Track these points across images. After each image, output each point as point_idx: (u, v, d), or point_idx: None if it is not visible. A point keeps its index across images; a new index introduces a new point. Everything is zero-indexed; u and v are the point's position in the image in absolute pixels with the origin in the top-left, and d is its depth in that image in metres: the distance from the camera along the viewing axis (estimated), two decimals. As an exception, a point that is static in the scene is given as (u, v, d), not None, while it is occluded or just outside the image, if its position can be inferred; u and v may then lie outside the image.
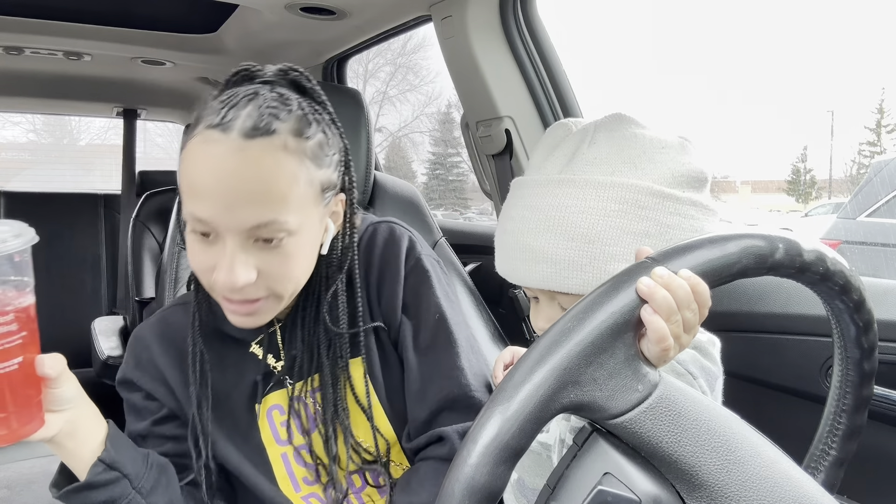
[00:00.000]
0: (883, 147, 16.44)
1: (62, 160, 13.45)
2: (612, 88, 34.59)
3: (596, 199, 0.61)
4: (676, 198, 0.61)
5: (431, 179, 20.62)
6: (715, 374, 0.64)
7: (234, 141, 0.66)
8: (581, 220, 0.62)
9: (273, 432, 0.81)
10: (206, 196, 0.66)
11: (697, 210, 0.62)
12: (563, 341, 0.39)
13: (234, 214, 0.65)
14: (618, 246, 0.61)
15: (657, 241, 0.60)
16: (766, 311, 1.02)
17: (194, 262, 0.71)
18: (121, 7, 1.58)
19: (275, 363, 0.81)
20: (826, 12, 36.76)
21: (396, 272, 0.83)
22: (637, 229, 0.60)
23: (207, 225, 0.67)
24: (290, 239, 0.69)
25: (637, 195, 0.61)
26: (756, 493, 0.40)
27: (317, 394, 0.80)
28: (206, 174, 0.66)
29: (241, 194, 0.65)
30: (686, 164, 0.63)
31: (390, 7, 1.40)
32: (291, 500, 0.79)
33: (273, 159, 0.66)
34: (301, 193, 0.69)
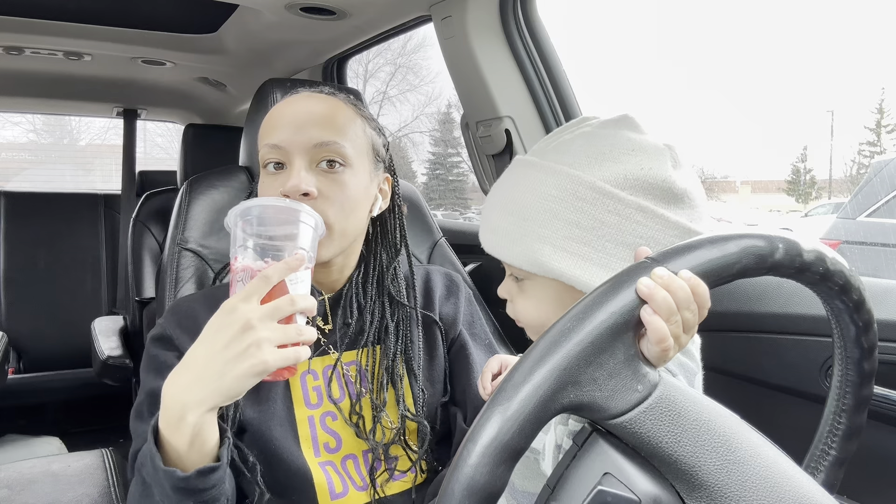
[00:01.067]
0: (883, 147, 16.44)
1: (62, 160, 13.44)
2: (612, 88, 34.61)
3: (541, 182, 0.64)
4: (619, 198, 0.62)
5: (431, 179, 20.62)
6: (693, 371, 0.64)
7: (303, 93, 0.86)
8: (522, 198, 0.66)
9: (304, 395, 0.84)
10: (280, 125, 0.81)
11: (645, 216, 0.61)
12: (562, 341, 0.39)
13: (302, 133, 0.79)
14: (547, 229, 0.63)
15: (589, 233, 0.62)
16: (766, 311, 1.02)
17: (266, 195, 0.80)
18: (121, 7, 1.58)
19: (323, 325, 0.88)
20: (826, 12, 36.78)
21: (457, 298, 0.99)
22: (569, 218, 0.62)
23: (279, 150, 0.80)
24: (346, 171, 0.81)
25: (577, 187, 0.63)
26: (756, 493, 0.40)
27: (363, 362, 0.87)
28: (281, 111, 0.83)
29: (309, 118, 0.80)
30: (647, 170, 0.62)
31: (390, 7, 1.40)
32: (309, 464, 0.81)
33: (335, 102, 0.85)
34: (357, 134, 0.84)
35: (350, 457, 0.84)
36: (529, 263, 0.64)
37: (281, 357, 0.61)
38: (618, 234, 0.62)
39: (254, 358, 0.60)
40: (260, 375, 0.61)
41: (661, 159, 0.63)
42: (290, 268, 0.65)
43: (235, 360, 0.60)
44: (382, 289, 0.90)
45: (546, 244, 0.63)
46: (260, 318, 0.61)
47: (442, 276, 1.01)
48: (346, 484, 0.82)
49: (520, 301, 0.70)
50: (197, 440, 0.63)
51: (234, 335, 0.61)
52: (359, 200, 0.83)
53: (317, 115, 0.81)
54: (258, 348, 0.60)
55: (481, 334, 0.99)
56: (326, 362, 0.86)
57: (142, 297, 1.87)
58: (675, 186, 0.63)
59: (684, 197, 0.64)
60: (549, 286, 0.66)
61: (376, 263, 0.91)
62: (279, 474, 0.80)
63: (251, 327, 0.61)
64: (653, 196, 0.62)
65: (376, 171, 0.88)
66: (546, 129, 1.37)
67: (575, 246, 0.62)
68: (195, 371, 0.62)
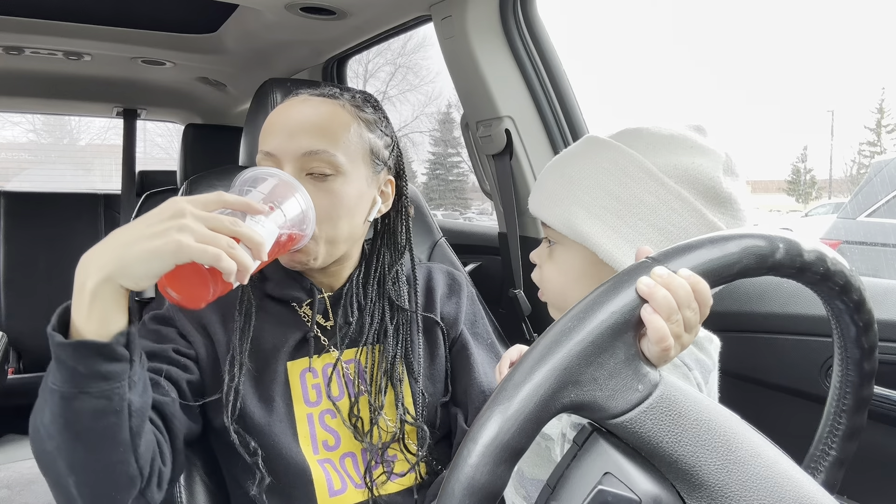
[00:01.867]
0: (883, 147, 16.44)
1: (62, 160, 13.45)
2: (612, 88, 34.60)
3: (597, 154, 0.68)
4: (662, 182, 0.64)
5: (431, 179, 20.62)
6: (709, 368, 0.65)
7: (302, 96, 0.85)
8: (575, 165, 0.69)
9: (303, 393, 0.84)
10: (273, 131, 0.81)
11: (683, 206, 0.64)
12: (563, 341, 0.39)
13: (293, 140, 0.79)
14: (588, 195, 0.66)
15: (625, 208, 0.65)
16: (766, 311, 1.02)
17: None
18: (121, 7, 1.58)
19: (324, 322, 0.88)
20: (826, 12, 36.76)
21: (459, 297, 0.99)
22: (611, 189, 0.65)
23: (272, 158, 0.79)
24: (338, 179, 0.80)
25: (627, 164, 0.66)
26: (756, 493, 0.40)
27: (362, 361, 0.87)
28: (276, 117, 0.83)
29: (301, 125, 0.80)
30: (697, 166, 0.65)
31: (390, 7, 1.40)
32: (307, 461, 0.81)
33: (330, 107, 0.83)
34: (351, 141, 0.82)
35: (349, 455, 0.84)
36: (563, 224, 0.67)
37: (199, 248, 0.56)
38: (652, 216, 0.64)
39: (168, 237, 0.56)
40: (169, 256, 0.55)
41: (714, 161, 0.66)
42: (248, 205, 0.63)
43: (150, 236, 0.56)
44: (383, 291, 0.90)
45: (582, 209, 0.66)
46: (194, 213, 0.58)
47: (444, 275, 1.01)
48: (345, 481, 0.82)
49: (547, 266, 0.72)
50: (95, 313, 0.58)
51: (161, 217, 0.57)
52: (350, 208, 0.82)
53: (309, 122, 0.80)
54: (178, 231, 0.56)
55: (483, 333, 1.00)
56: (326, 360, 0.86)
57: (142, 297, 1.87)
58: (721, 188, 0.65)
59: (727, 202, 0.65)
60: (576, 255, 0.69)
61: (378, 264, 0.91)
62: (278, 470, 0.80)
63: (182, 215, 0.57)
64: (696, 191, 0.65)
65: (375, 175, 0.87)
66: (546, 129, 1.37)
67: (609, 217, 0.65)
68: (109, 240, 0.59)
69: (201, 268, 0.58)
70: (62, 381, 0.58)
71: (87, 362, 0.58)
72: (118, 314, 0.59)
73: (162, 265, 0.56)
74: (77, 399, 0.58)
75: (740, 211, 0.66)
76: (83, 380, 0.58)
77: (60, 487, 0.62)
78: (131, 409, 0.61)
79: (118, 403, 0.60)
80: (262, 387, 0.82)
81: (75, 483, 0.61)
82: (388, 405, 0.86)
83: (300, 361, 0.85)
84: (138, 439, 0.63)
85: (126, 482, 0.63)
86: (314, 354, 0.85)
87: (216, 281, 0.59)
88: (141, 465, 0.64)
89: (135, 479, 0.63)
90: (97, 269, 0.57)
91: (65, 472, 0.60)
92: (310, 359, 0.85)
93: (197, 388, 0.80)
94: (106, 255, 0.57)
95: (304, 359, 0.85)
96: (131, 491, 0.64)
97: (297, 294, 0.87)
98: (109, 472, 0.61)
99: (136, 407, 0.62)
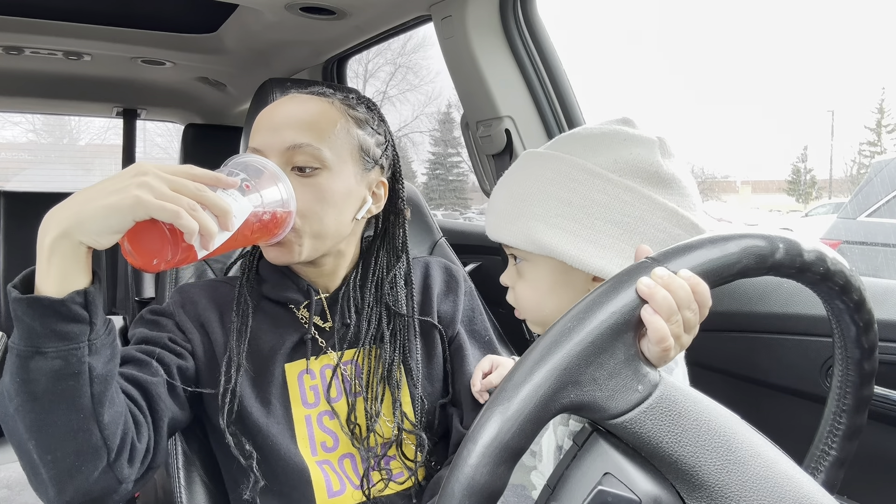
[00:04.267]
0: (883, 147, 16.44)
1: (62, 160, 13.45)
2: (612, 88, 34.59)
3: (540, 167, 0.70)
4: (608, 179, 0.66)
5: (431, 179, 20.62)
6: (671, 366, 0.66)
7: (291, 94, 0.86)
8: (522, 181, 0.71)
9: (301, 394, 0.84)
10: (259, 128, 0.81)
11: (633, 196, 0.65)
12: (563, 341, 0.39)
13: (277, 135, 0.79)
14: (541, 207, 0.67)
15: (580, 211, 0.66)
16: (766, 311, 1.02)
17: None
18: (121, 7, 1.58)
19: (322, 323, 0.87)
20: (826, 12, 36.75)
21: (456, 295, 0.98)
22: (562, 197, 0.67)
23: (258, 153, 0.79)
24: (324, 174, 0.80)
25: (570, 170, 0.67)
26: (756, 493, 0.40)
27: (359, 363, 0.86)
28: (263, 114, 0.83)
29: (286, 120, 0.80)
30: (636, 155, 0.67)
31: (390, 7, 1.40)
32: (306, 462, 0.81)
33: (318, 104, 0.83)
34: (339, 137, 0.82)
35: (347, 455, 0.84)
36: (524, 240, 0.68)
37: (157, 204, 0.55)
38: (607, 213, 0.66)
39: (127, 192, 0.55)
40: (127, 211, 0.55)
41: (649, 147, 0.68)
42: (217, 178, 0.62)
43: (110, 192, 0.55)
44: (380, 295, 0.90)
45: (540, 221, 0.67)
46: (156, 173, 0.57)
47: (441, 270, 1.01)
48: (344, 482, 0.82)
49: (519, 285, 0.73)
50: (53, 270, 0.57)
51: (123, 176, 0.57)
52: (336, 203, 0.81)
53: (294, 117, 0.80)
54: (137, 187, 0.55)
55: (481, 330, 0.99)
56: (324, 362, 0.86)
57: (141, 297, 1.87)
58: (662, 171, 0.67)
59: (672, 182, 0.67)
60: (544, 268, 0.70)
61: (376, 267, 0.91)
62: (277, 472, 0.80)
63: (143, 173, 0.56)
64: (640, 178, 0.66)
65: (365, 173, 0.86)
66: (546, 129, 1.37)
67: (566, 223, 0.66)
68: (71, 199, 0.58)
69: (161, 226, 0.57)
70: (19, 339, 0.57)
71: (44, 320, 0.56)
72: (78, 273, 0.58)
73: (120, 221, 0.55)
74: (33, 359, 0.57)
75: (685, 188, 0.68)
76: (39, 338, 0.57)
77: (23, 453, 0.61)
78: (92, 375, 0.60)
79: (76, 366, 0.58)
80: (260, 388, 0.82)
81: (36, 448, 0.59)
82: (385, 411, 0.86)
83: (298, 363, 0.84)
84: (101, 408, 0.61)
85: (89, 451, 0.61)
86: (312, 356, 0.85)
87: (176, 242, 0.57)
88: (106, 436, 0.62)
89: (98, 449, 0.62)
90: (55, 225, 0.56)
91: (25, 435, 0.59)
92: (307, 361, 0.84)
93: (189, 378, 0.80)
94: (65, 212, 0.56)
95: (302, 360, 0.85)
96: (96, 462, 0.62)
97: (293, 296, 0.87)
98: (69, 438, 0.60)
99: (99, 373, 0.61)
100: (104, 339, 0.62)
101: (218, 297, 0.87)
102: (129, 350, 0.76)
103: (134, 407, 0.69)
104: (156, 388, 0.73)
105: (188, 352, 0.81)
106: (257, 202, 0.68)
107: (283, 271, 0.88)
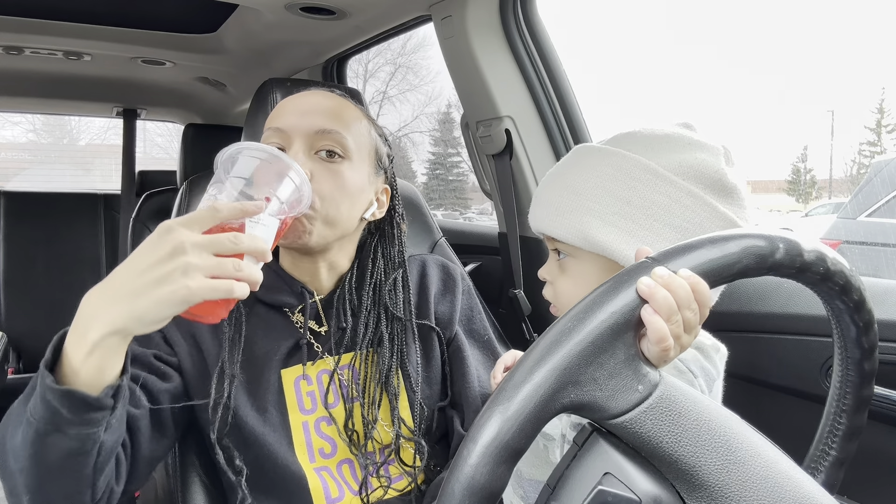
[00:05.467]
0: (883, 147, 16.43)
1: (62, 160, 13.44)
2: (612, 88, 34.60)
3: (598, 162, 0.67)
4: (671, 181, 0.64)
5: (431, 179, 20.61)
6: (713, 377, 0.65)
7: (315, 89, 0.89)
8: (578, 175, 0.68)
9: (298, 400, 0.82)
10: (285, 112, 0.83)
11: (694, 202, 0.64)
12: (563, 341, 0.39)
13: (306, 118, 0.81)
14: (598, 203, 0.65)
15: (638, 211, 0.64)
16: (766, 311, 1.02)
17: None
18: (121, 7, 1.58)
19: (318, 328, 0.86)
20: (826, 12, 36.76)
21: (454, 295, 0.97)
22: (621, 195, 0.65)
23: (281, 134, 0.80)
24: (346, 164, 0.82)
25: (632, 167, 0.65)
26: (756, 493, 0.40)
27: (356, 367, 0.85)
28: (289, 101, 0.85)
29: (314, 107, 0.83)
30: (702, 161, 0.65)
31: (390, 7, 1.40)
32: (304, 469, 0.80)
33: (342, 100, 0.87)
34: (361, 134, 0.85)
35: (345, 462, 0.83)
36: (576, 235, 0.66)
37: (209, 287, 0.54)
38: (666, 215, 0.64)
39: (176, 283, 0.54)
40: (180, 304, 0.54)
41: (715, 154, 0.66)
42: (244, 210, 0.60)
43: (157, 282, 0.54)
44: (378, 298, 0.89)
45: (595, 217, 0.65)
46: (194, 245, 0.55)
47: (438, 269, 1.00)
48: (342, 488, 0.81)
49: (560, 281, 0.71)
50: (93, 361, 0.56)
51: (161, 256, 0.55)
52: (352, 194, 0.82)
53: (322, 105, 0.83)
54: (184, 274, 0.54)
55: (480, 329, 0.98)
56: (321, 367, 0.84)
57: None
58: (727, 180, 0.65)
59: (733, 192, 0.66)
60: (591, 265, 0.68)
61: (374, 269, 0.90)
62: (274, 479, 0.79)
63: (183, 251, 0.54)
64: (704, 185, 0.65)
65: (376, 177, 0.88)
66: (546, 129, 1.37)
67: (623, 222, 0.64)
68: (113, 287, 0.56)
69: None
70: (40, 417, 0.57)
71: (74, 410, 0.57)
72: (116, 362, 0.59)
73: (176, 311, 0.55)
74: (51, 436, 0.58)
75: (744, 200, 0.67)
76: (63, 422, 0.57)
77: (14, 497, 0.62)
78: (101, 449, 0.61)
79: (90, 445, 0.60)
80: (256, 396, 0.81)
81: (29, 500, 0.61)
82: (383, 416, 0.85)
83: (294, 369, 0.83)
84: (100, 475, 0.63)
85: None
86: (308, 361, 0.84)
87: (230, 302, 0.59)
88: (94, 494, 0.64)
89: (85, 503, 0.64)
90: (106, 323, 0.55)
91: (22, 489, 0.61)
92: (303, 366, 0.83)
93: (176, 398, 0.79)
94: (115, 309, 0.55)
95: (298, 366, 0.83)
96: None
97: (287, 299, 0.85)
98: (63, 499, 0.62)
99: (107, 447, 0.62)
100: (120, 414, 0.63)
101: None
102: None
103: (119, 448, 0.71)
104: (136, 423, 0.72)
105: (174, 367, 0.80)
106: (277, 208, 0.65)
107: (276, 272, 0.86)
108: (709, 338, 0.70)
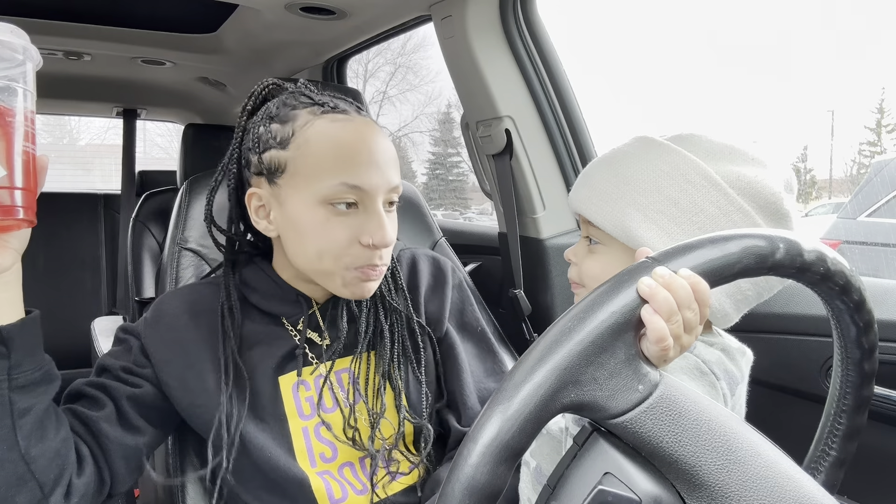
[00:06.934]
0: (883, 147, 16.44)
1: (62, 160, 13.44)
2: (612, 88, 34.62)
3: (655, 157, 0.65)
4: (726, 193, 0.62)
5: (431, 179, 20.62)
6: (737, 380, 0.65)
7: (358, 117, 0.78)
8: (630, 164, 0.66)
9: (297, 407, 0.82)
10: (360, 162, 0.74)
11: (744, 219, 0.62)
12: (563, 341, 0.39)
13: (386, 175, 0.76)
14: (646, 198, 0.63)
15: (684, 215, 0.62)
16: (766, 311, 1.02)
17: (333, 239, 0.75)
18: (121, 7, 1.58)
19: (320, 340, 0.85)
20: (826, 12, 36.78)
21: (443, 291, 0.95)
22: (671, 195, 0.63)
23: (360, 192, 0.74)
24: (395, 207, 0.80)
25: (689, 170, 0.63)
26: (756, 493, 0.40)
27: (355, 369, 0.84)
28: (359, 144, 0.75)
29: (387, 159, 0.77)
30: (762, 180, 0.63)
31: (390, 7, 1.40)
32: (306, 475, 0.80)
33: (385, 133, 0.80)
34: None
35: (347, 464, 0.83)
36: (615, 225, 0.65)
37: None
38: (711, 226, 0.62)
39: None
40: None
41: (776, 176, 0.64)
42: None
43: None
44: (376, 296, 0.88)
45: (639, 211, 0.63)
46: None
47: (429, 264, 0.98)
48: (346, 489, 0.81)
49: (587, 262, 0.70)
50: None
51: None
52: None
53: (390, 154, 0.78)
54: None
55: (472, 321, 0.97)
56: (319, 372, 0.84)
57: (142, 297, 1.87)
58: (781, 205, 0.63)
59: (785, 219, 0.64)
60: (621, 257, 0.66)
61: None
62: (277, 485, 0.79)
63: None
64: (757, 204, 0.63)
65: None
66: (546, 129, 1.37)
67: (666, 221, 0.63)
68: None
69: None
70: None
71: None
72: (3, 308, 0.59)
73: None
74: None
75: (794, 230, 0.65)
76: None
77: None
78: (13, 408, 0.60)
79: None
80: (254, 405, 0.80)
81: None
82: (388, 409, 0.85)
83: (290, 375, 0.83)
84: (27, 441, 0.62)
85: (15, 482, 0.62)
86: (304, 366, 0.83)
87: None
88: (34, 469, 0.62)
89: (27, 481, 0.62)
90: None
91: None
92: (298, 374, 0.82)
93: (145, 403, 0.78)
94: None
95: (294, 372, 0.83)
96: (28, 495, 0.62)
97: (284, 308, 0.85)
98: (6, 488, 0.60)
99: (22, 407, 0.61)
100: (31, 375, 0.62)
101: (202, 305, 0.84)
102: (80, 385, 0.76)
103: (80, 442, 0.70)
104: (97, 425, 0.72)
105: (145, 378, 0.79)
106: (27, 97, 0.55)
107: (272, 277, 0.85)
108: (735, 341, 0.69)
